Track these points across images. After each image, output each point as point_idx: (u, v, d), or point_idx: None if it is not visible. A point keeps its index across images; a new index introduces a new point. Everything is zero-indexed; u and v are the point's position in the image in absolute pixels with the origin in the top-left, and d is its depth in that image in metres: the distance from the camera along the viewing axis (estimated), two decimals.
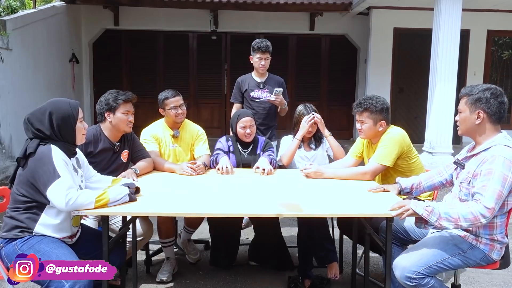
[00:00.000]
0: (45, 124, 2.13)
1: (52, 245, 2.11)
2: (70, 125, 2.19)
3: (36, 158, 2.08)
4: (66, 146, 2.19)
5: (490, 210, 2.05)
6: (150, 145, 3.17)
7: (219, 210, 2.32)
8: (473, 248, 2.21)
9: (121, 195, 2.19)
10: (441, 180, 2.53)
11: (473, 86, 2.26)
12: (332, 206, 2.38)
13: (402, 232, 2.55)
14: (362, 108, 2.82)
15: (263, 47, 3.80)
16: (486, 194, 2.06)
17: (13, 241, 2.12)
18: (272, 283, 3.10)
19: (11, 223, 2.14)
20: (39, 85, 7.13)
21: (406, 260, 2.20)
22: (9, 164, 5.99)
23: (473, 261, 2.23)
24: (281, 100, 3.77)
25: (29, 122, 2.15)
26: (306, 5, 8.01)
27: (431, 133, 6.27)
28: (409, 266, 2.16)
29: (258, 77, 3.93)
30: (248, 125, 3.25)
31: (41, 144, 2.12)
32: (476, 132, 2.22)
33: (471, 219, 2.06)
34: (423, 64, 7.39)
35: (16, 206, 2.14)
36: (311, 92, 9.14)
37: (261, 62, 3.82)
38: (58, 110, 2.16)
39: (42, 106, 2.19)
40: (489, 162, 2.10)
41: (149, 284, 3.06)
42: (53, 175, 2.03)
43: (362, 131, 2.88)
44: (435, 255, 2.18)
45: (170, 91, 3.23)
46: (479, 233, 2.21)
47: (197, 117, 8.50)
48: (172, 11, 8.63)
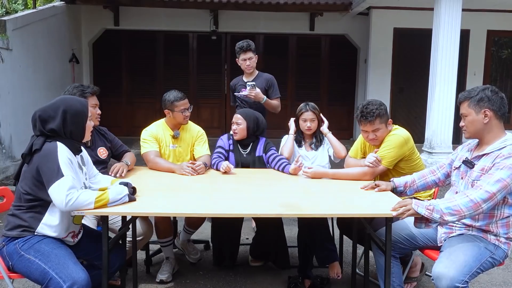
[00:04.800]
0: (57, 121, 2.12)
1: (52, 245, 2.11)
2: (81, 122, 2.21)
3: (42, 154, 2.08)
4: (73, 143, 2.19)
5: (491, 194, 2.05)
6: (150, 145, 3.17)
7: (219, 210, 2.32)
8: (498, 249, 2.22)
9: (120, 195, 2.19)
10: (434, 179, 2.55)
11: (469, 89, 2.28)
12: (332, 206, 2.38)
13: (403, 240, 2.51)
14: (374, 116, 2.73)
15: (245, 46, 3.83)
16: (490, 180, 2.08)
17: (15, 240, 2.12)
18: (272, 283, 3.10)
19: (14, 222, 2.14)
20: (39, 85, 7.13)
21: (451, 269, 2.10)
22: (9, 164, 5.96)
23: (497, 261, 2.23)
24: (255, 94, 3.74)
25: (39, 119, 2.14)
26: (306, 5, 8.01)
27: (431, 133, 6.27)
28: (457, 275, 2.08)
29: (246, 78, 3.99)
30: (235, 122, 3.27)
31: (47, 141, 2.12)
32: (484, 132, 2.23)
33: (472, 207, 2.06)
34: (423, 64, 7.39)
35: (19, 205, 2.15)
36: (311, 92, 9.14)
37: (246, 63, 3.88)
38: (71, 108, 2.17)
39: (54, 103, 2.18)
40: (505, 158, 2.11)
41: (149, 284, 3.06)
42: (57, 173, 2.03)
43: (377, 138, 2.80)
44: (475, 261, 2.15)
45: (178, 93, 3.20)
46: (499, 233, 2.22)
47: (197, 117, 8.48)
48: (172, 11, 8.64)
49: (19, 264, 2.10)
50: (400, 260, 2.63)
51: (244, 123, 3.25)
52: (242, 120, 3.26)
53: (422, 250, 2.59)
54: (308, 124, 3.31)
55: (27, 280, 2.96)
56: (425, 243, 2.51)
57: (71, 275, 2.01)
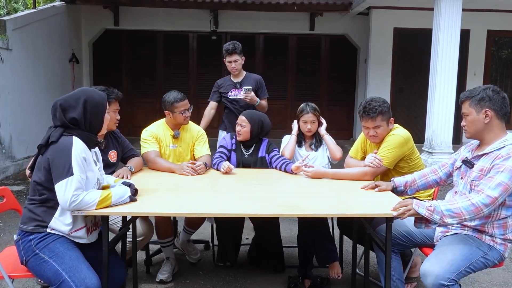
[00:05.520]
0: (78, 110, 2.12)
1: (67, 246, 2.11)
2: (101, 113, 2.21)
3: (57, 147, 2.07)
4: (90, 136, 2.19)
5: (493, 199, 2.05)
6: (150, 145, 3.16)
7: (219, 210, 2.31)
8: (492, 249, 2.22)
9: (123, 198, 2.20)
10: (435, 178, 2.54)
11: (471, 89, 2.28)
12: (332, 206, 2.38)
13: (402, 237, 2.53)
14: (376, 113, 2.73)
15: (230, 49, 3.87)
16: (491, 185, 2.07)
17: (30, 235, 2.11)
18: (272, 283, 3.10)
19: (28, 215, 2.14)
20: (39, 85, 7.13)
21: (438, 266, 2.13)
22: (9, 164, 5.95)
23: (491, 262, 2.23)
24: (251, 98, 3.81)
25: (61, 108, 2.13)
26: (306, 5, 8.01)
27: (431, 133, 6.27)
28: (442, 273, 2.09)
29: (234, 78, 4.03)
30: (239, 123, 3.28)
31: (65, 135, 2.10)
32: (484, 131, 2.22)
33: (473, 211, 2.06)
34: (423, 64, 7.39)
35: (33, 198, 2.14)
36: (311, 92, 9.14)
37: (231, 65, 3.92)
38: (92, 99, 2.17)
39: (75, 93, 2.18)
40: (504, 159, 2.11)
41: (149, 284, 3.06)
42: (67, 171, 2.02)
43: (377, 136, 2.80)
44: (464, 260, 2.15)
45: (178, 93, 3.19)
46: (495, 234, 2.21)
47: (197, 117, 8.45)
48: (172, 11, 8.64)
49: (33, 262, 2.10)
50: (401, 259, 2.64)
51: (249, 126, 3.24)
52: (246, 122, 3.25)
53: (420, 248, 2.60)
54: (308, 126, 3.31)
55: (27, 280, 2.97)
56: (423, 241, 2.52)
57: (84, 280, 2.00)
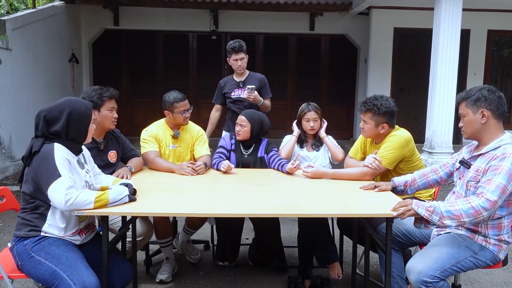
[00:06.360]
0: (60, 123, 2.13)
1: (63, 248, 2.11)
2: (85, 125, 2.22)
3: (40, 157, 2.09)
4: (73, 144, 2.19)
5: (492, 203, 2.04)
6: (150, 145, 3.16)
7: (219, 210, 2.31)
8: (483, 249, 2.21)
9: (121, 196, 2.19)
10: (435, 178, 2.53)
11: (467, 90, 2.28)
12: (332, 206, 2.38)
13: (401, 235, 2.54)
14: (365, 109, 2.82)
15: (237, 47, 3.84)
16: (490, 187, 2.07)
17: (24, 240, 2.12)
18: (272, 283, 3.10)
19: (21, 222, 2.17)
20: (39, 85, 7.13)
21: (421, 263, 2.15)
22: (9, 164, 5.96)
23: (483, 262, 2.22)
24: (254, 97, 3.77)
25: (44, 119, 2.13)
26: (306, 5, 8.01)
27: (431, 133, 6.27)
28: (425, 270, 2.11)
29: (237, 77, 4.00)
30: (239, 123, 3.27)
31: (46, 143, 2.12)
32: (482, 132, 2.22)
33: (473, 214, 2.05)
34: (423, 64, 7.39)
35: (24, 207, 2.16)
36: (311, 92, 9.13)
37: (237, 63, 3.90)
38: (76, 110, 2.17)
39: (59, 104, 2.18)
40: (500, 159, 2.10)
41: (149, 284, 3.05)
42: (54, 174, 2.03)
43: (363, 129, 2.89)
44: (450, 258, 2.16)
45: (178, 94, 3.19)
46: (488, 234, 2.20)
47: (197, 117, 8.42)
48: (172, 11, 8.63)
49: (28, 265, 2.09)
50: (402, 257, 2.63)
51: (248, 126, 3.24)
52: (246, 122, 3.24)
53: (420, 247, 2.61)
54: (311, 124, 3.30)
55: (26, 280, 2.96)
56: (421, 240, 2.52)
57: (82, 278, 2.00)
